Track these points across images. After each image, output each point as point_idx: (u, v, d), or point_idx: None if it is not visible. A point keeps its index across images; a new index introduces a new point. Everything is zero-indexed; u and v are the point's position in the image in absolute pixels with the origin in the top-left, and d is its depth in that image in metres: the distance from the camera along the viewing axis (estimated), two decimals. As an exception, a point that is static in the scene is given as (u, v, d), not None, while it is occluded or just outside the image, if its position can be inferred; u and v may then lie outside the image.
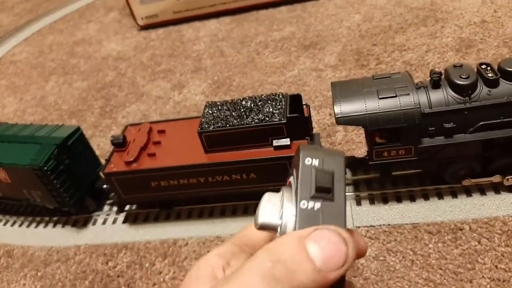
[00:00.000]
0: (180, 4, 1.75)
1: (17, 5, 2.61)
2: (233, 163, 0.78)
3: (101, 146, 1.19)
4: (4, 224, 1.03)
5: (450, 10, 1.43)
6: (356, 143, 1.00)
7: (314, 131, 0.94)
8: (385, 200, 0.83)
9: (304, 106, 0.84)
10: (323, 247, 0.30)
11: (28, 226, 1.00)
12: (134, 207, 0.95)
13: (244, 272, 0.31)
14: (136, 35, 1.81)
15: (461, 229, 0.76)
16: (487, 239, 0.74)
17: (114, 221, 0.95)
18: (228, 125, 0.76)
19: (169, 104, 1.34)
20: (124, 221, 0.94)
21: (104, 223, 0.95)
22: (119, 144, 0.85)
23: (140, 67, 1.57)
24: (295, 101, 0.81)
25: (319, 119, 1.12)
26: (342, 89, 0.75)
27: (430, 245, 0.75)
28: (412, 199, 0.82)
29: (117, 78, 1.54)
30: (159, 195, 0.85)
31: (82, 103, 1.45)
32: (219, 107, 0.80)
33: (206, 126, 0.78)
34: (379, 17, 1.50)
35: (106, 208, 0.98)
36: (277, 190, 0.38)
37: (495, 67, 0.71)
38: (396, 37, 1.38)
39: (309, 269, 0.29)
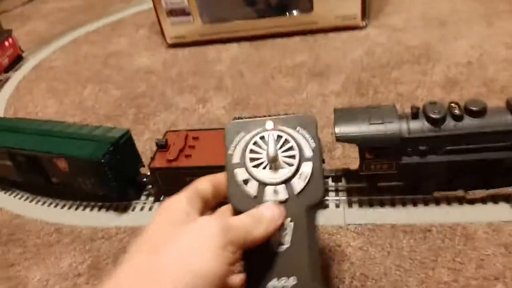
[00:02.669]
0: (206, 28, 1.99)
1: (51, 14, 2.86)
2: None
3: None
4: (55, 206, 1.23)
5: (442, 52, 1.66)
6: (351, 158, 1.21)
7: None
8: (371, 204, 1.04)
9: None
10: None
11: (76, 209, 1.20)
12: (166, 198, 1.15)
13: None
14: (164, 52, 2.04)
15: (429, 230, 0.97)
16: (449, 239, 0.94)
17: (150, 209, 1.15)
18: (251, 137, 0.97)
19: (194, 116, 1.56)
20: (158, 209, 1.15)
21: (141, 209, 1.15)
22: (162, 145, 1.06)
23: (169, 81, 1.79)
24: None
25: (322, 137, 1.32)
26: (342, 114, 0.97)
27: (404, 241, 0.95)
28: (393, 204, 1.03)
29: (148, 90, 1.76)
30: (191, 189, 1.05)
31: (117, 109, 1.67)
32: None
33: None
34: (379, 53, 1.73)
35: (143, 198, 1.18)
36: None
37: (462, 106, 0.93)
38: (393, 72, 1.60)
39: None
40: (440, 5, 2.00)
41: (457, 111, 0.91)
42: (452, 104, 0.93)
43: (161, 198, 1.12)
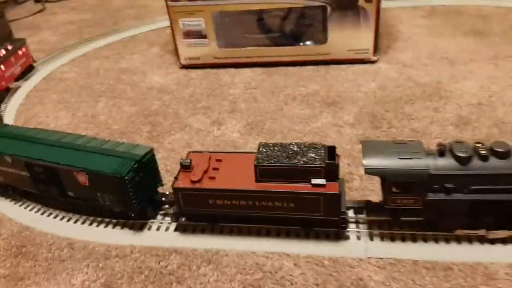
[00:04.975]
0: (220, 51, 2.02)
1: (61, 26, 2.87)
2: (278, 192, 0.99)
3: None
4: (68, 221, 1.21)
5: (452, 90, 1.70)
6: (369, 190, 1.22)
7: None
8: (392, 239, 1.04)
9: (336, 156, 1.06)
10: None
11: (90, 224, 1.18)
12: (183, 219, 1.14)
13: None
14: (178, 71, 2.06)
15: (451, 269, 0.97)
16: (471, 278, 0.95)
17: (167, 229, 1.13)
18: (279, 163, 0.98)
19: (209, 137, 1.56)
20: (175, 230, 1.13)
21: (158, 229, 1.14)
22: (186, 166, 1.06)
23: (183, 101, 1.80)
24: (330, 150, 1.03)
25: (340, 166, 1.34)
26: (370, 147, 0.98)
27: (427, 278, 0.95)
28: (414, 240, 1.03)
29: (162, 108, 1.76)
30: (212, 211, 1.05)
31: (131, 125, 1.66)
32: (271, 148, 1.03)
33: (262, 161, 0.99)
34: (391, 88, 1.77)
35: (159, 217, 1.17)
36: (311, 220, 0.56)
37: (487, 146, 0.95)
38: (406, 107, 1.64)
39: None
40: (448, 44, 2.06)
41: (483, 151, 0.93)
42: (478, 145, 0.95)
43: (180, 219, 1.11)
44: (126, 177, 1.03)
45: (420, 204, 0.96)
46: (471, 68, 1.85)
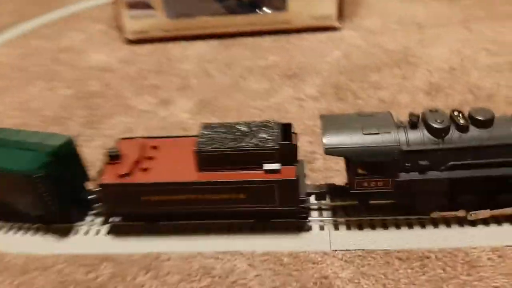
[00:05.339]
0: (170, 23, 1.80)
1: (-2, 5, 2.57)
2: (224, 183, 0.82)
3: (82, 156, 1.20)
4: (-21, 229, 1.02)
5: (422, 56, 1.56)
6: (334, 170, 1.08)
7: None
8: (360, 227, 0.90)
9: (293, 134, 0.90)
10: None
11: (6, 232, 0.99)
12: (118, 219, 0.96)
13: None
14: (123, 48, 1.83)
15: (427, 257, 0.84)
16: (451, 267, 0.82)
17: (97, 233, 0.96)
18: (224, 147, 0.81)
19: (155, 119, 1.37)
20: (107, 233, 0.96)
21: (86, 233, 0.96)
22: (114, 156, 0.87)
23: (127, 81, 1.59)
24: (286, 129, 0.87)
25: (299, 146, 1.18)
26: (331, 123, 0.83)
27: (400, 271, 0.82)
28: (385, 227, 0.89)
29: (102, 89, 1.55)
30: (148, 209, 0.88)
31: (65, 111, 1.45)
32: (215, 129, 0.85)
33: (203, 146, 0.82)
34: (356, 56, 1.61)
35: (88, 219, 0.99)
36: (266, 212, 0.41)
37: (466, 114, 0.81)
38: (372, 75, 1.49)
39: None
40: (416, 9, 1.91)
41: (462, 121, 0.79)
42: (455, 113, 0.81)
43: (111, 220, 0.93)
44: (38, 175, 0.84)
45: (391, 186, 0.82)
46: (442, 32, 1.70)
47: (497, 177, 0.79)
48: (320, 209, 0.94)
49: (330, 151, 0.79)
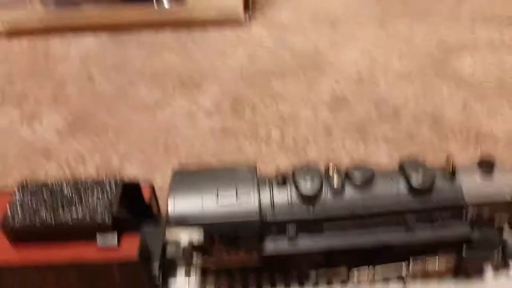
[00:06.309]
0: (48, 13, 1.53)
1: None
2: (43, 266, 0.64)
3: None
4: None
5: (331, 61, 1.43)
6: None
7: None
8: (229, 295, 0.77)
9: (147, 187, 0.74)
10: None
11: None
12: None
13: None
14: (-11, 43, 1.54)
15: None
16: None
17: None
18: (37, 220, 0.62)
19: (13, 139, 1.14)
20: None
21: None
22: None
23: (-13, 87, 1.33)
24: (132, 187, 0.70)
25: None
26: (183, 182, 0.66)
27: None
28: (258, 294, 0.76)
29: (-48, 99, 1.28)
30: None
31: None
32: (34, 192, 0.66)
33: (11, 219, 0.63)
34: (262, 58, 1.45)
35: None
36: None
37: (343, 171, 0.68)
38: (276, 84, 1.34)
39: None
40: (334, 3, 1.77)
41: (336, 182, 0.66)
42: (330, 168, 0.68)
43: None
44: None
45: (256, 261, 0.68)
46: (356, 30, 1.58)
47: (378, 245, 0.68)
48: (188, 270, 0.79)
49: (176, 222, 0.63)
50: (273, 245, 0.67)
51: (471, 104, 1.22)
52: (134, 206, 0.68)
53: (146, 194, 0.75)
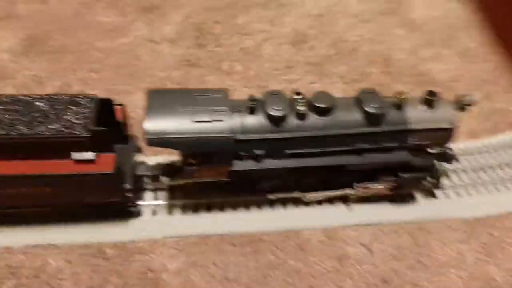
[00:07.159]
0: None
1: None
2: (17, 177, 0.66)
3: None
4: None
5: (295, 1, 1.45)
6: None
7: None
8: (196, 210, 0.84)
9: (119, 107, 0.76)
10: None
11: None
12: None
13: None
14: None
15: (262, 241, 0.82)
16: (281, 250, 0.81)
17: None
18: (13, 133, 0.64)
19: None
20: None
21: None
22: None
23: None
24: (106, 103, 0.72)
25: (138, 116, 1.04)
26: (158, 103, 0.70)
27: (231, 258, 0.79)
28: (222, 208, 0.84)
29: None
30: None
31: None
32: (10, 105, 0.67)
33: (-14, 131, 0.64)
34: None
35: None
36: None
37: (308, 98, 0.75)
38: (240, 16, 1.35)
39: None
40: None
41: (301, 108, 0.72)
42: (297, 96, 0.74)
43: None
44: None
45: (226, 176, 0.75)
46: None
47: (333, 166, 0.77)
48: (155, 190, 0.85)
49: (153, 141, 0.67)
50: (242, 163, 0.74)
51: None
52: (108, 124, 0.71)
53: (118, 114, 0.77)
